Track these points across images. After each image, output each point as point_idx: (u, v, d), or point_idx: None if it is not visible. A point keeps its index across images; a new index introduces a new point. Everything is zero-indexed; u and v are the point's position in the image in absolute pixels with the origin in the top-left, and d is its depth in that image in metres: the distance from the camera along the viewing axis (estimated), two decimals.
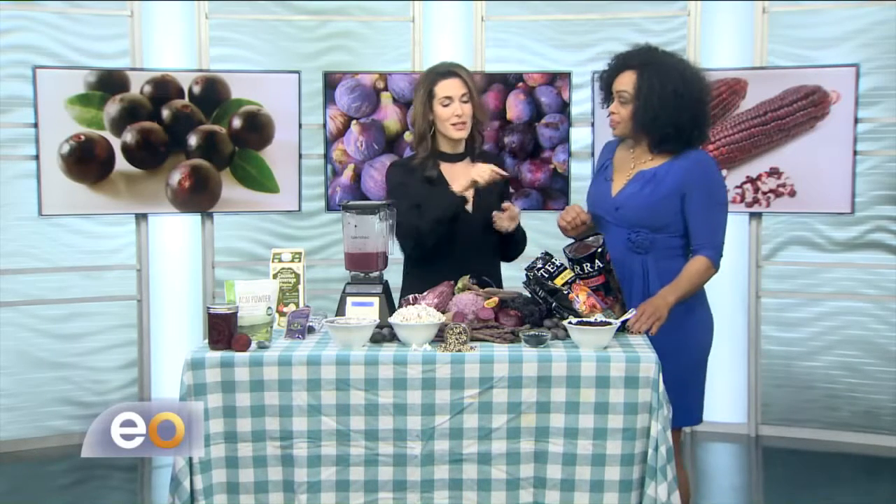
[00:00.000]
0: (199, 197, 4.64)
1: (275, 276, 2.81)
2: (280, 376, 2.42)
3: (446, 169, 3.08)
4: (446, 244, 3.01)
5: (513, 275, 3.08)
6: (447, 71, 3.05)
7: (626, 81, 2.85)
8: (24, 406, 4.63)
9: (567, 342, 2.52)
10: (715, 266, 2.84)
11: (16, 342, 4.61)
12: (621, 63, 2.89)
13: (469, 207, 3.04)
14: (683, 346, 2.81)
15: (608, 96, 2.94)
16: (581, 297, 2.61)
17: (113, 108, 4.50)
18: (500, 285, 3.05)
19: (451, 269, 2.88)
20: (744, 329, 4.78)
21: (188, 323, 4.84)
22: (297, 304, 2.80)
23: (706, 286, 2.89)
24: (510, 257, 3.21)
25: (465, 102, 3.02)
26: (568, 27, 4.84)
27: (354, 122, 4.71)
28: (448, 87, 3.00)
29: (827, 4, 4.64)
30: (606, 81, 2.93)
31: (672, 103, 2.81)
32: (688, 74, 2.86)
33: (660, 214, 2.85)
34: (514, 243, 3.14)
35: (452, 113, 3.00)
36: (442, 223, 2.97)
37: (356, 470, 2.43)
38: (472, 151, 3.13)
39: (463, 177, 3.00)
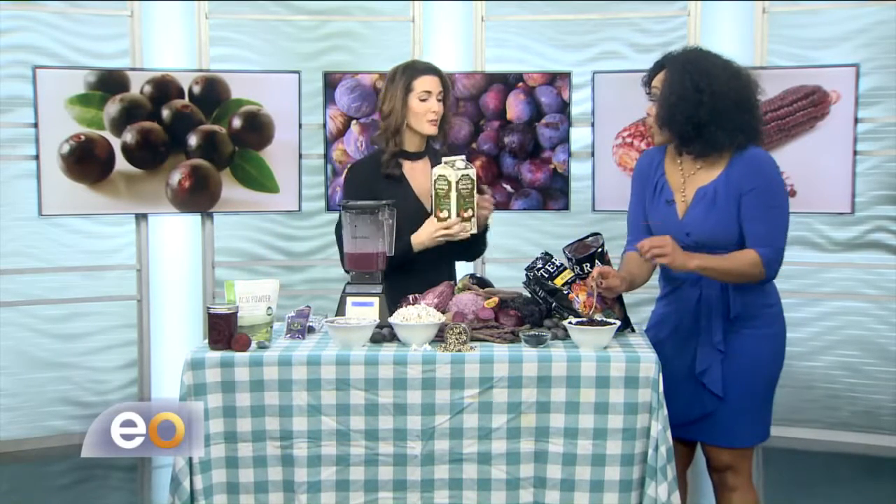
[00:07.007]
0: (199, 197, 4.63)
1: (456, 183, 2.91)
2: (280, 376, 2.42)
3: (407, 167, 3.09)
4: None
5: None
6: (427, 68, 3.08)
7: (657, 80, 2.69)
8: (24, 406, 4.62)
9: (567, 342, 2.52)
10: (765, 264, 2.56)
11: (16, 342, 4.61)
12: (659, 64, 2.72)
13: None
14: (757, 363, 2.67)
15: None
16: (581, 297, 2.61)
17: (113, 108, 4.50)
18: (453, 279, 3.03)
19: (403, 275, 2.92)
20: None
21: (188, 323, 4.84)
22: (473, 209, 2.95)
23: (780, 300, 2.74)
24: (469, 258, 3.22)
25: (440, 101, 3.05)
26: (568, 27, 4.84)
27: (354, 122, 4.70)
28: (427, 83, 3.02)
29: (827, 4, 4.63)
30: (647, 86, 2.75)
31: (691, 98, 2.58)
32: (717, 72, 2.61)
33: (732, 233, 2.62)
34: (476, 243, 3.10)
35: (429, 108, 3.02)
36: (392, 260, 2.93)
37: (356, 470, 2.43)
38: (432, 151, 3.14)
39: (422, 175, 3.06)
